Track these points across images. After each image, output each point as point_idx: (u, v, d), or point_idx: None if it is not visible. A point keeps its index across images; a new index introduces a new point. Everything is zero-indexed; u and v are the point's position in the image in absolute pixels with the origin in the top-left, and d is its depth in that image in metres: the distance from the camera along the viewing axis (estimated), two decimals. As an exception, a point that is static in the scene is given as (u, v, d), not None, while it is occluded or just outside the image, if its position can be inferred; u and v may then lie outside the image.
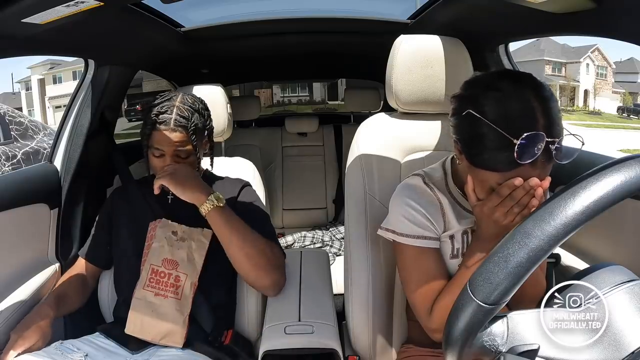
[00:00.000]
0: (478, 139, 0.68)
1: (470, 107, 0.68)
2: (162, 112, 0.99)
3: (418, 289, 0.81)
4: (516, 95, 0.66)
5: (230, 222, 0.98)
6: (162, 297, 0.99)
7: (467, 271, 0.75)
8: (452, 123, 0.74)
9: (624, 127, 23.28)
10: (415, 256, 0.82)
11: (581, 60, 27.30)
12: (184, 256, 1.01)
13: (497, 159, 0.66)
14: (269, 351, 0.86)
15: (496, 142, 0.65)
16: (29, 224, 1.13)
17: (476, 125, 0.67)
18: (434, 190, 0.83)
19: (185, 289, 0.99)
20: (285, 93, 8.58)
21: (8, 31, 0.81)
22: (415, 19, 1.49)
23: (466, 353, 0.48)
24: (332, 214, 2.45)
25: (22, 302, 1.04)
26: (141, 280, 1.00)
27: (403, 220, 0.82)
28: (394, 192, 0.86)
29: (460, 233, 0.83)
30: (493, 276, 0.45)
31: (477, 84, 0.71)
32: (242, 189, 1.12)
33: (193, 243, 1.02)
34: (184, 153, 1.02)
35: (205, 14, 1.65)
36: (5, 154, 2.86)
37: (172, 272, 1.00)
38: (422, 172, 0.87)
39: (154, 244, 1.03)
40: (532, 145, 0.63)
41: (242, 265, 0.99)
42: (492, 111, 0.66)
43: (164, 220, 1.05)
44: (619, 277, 0.49)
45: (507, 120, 0.64)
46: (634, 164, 0.43)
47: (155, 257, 1.02)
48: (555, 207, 0.43)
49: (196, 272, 1.01)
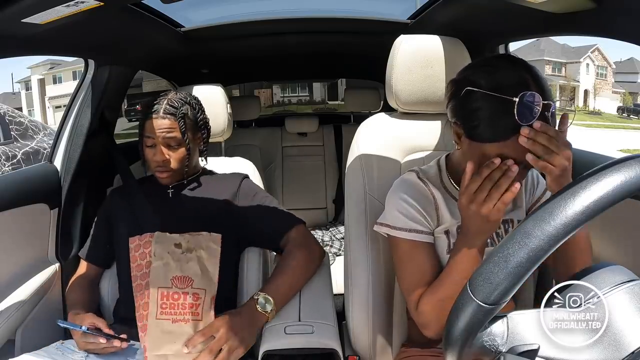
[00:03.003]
0: (477, 111, 0.70)
1: (468, 85, 0.70)
2: (154, 104, 1.05)
3: (409, 282, 0.82)
4: (510, 68, 0.69)
5: (286, 297, 0.97)
6: (182, 323, 0.88)
7: (452, 269, 0.76)
8: (451, 106, 0.76)
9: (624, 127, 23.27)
10: (407, 250, 0.83)
11: (581, 60, 27.30)
12: (196, 270, 0.92)
13: (498, 126, 0.68)
14: (269, 351, 0.86)
15: (495, 109, 0.68)
16: (29, 224, 1.13)
17: (474, 99, 0.70)
18: (428, 185, 0.85)
19: (205, 306, 0.90)
20: (285, 93, 8.58)
21: (8, 31, 0.81)
22: (415, 19, 1.49)
23: (466, 353, 0.48)
24: (332, 214, 2.45)
25: (22, 302, 1.04)
26: (150, 309, 0.89)
27: (397, 214, 0.83)
28: (391, 189, 0.88)
29: (456, 228, 0.84)
30: (493, 276, 0.45)
31: (472, 65, 0.77)
32: (242, 182, 1.13)
33: (203, 252, 0.95)
34: (173, 141, 1.04)
35: (205, 14, 1.65)
36: (5, 154, 2.86)
37: (188, 290, 0.90)
38: (417, 168, 0.89)
39: (155, 263, 0.93)
40: (530, 105, 0.65)
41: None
42: (489, 81, 0.69)
43: (158, 234, 0.97)
44: (619, 277, 0.49)
45: (502, 88, 0.67)
46: (634, 164, 0.43)
47: (160, 278, 0.91)
48: (555, 207, 0.43)
49: (214, 284, 0.93)
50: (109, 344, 0.89)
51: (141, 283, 0.94)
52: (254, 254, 1.11)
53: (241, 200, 1.08)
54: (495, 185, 0.68)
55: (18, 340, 1.07)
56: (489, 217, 0.69)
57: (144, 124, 1.05)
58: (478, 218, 0.70)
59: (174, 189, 1.10)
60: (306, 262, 1.03)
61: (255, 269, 1.10)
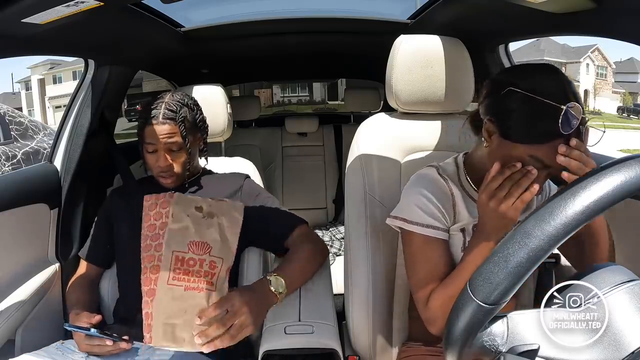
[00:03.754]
0: (516, 111, 0.71)
1: (510, 86, 0.71)
2: (152, 109, 1.03)
3: (420, 278, 0.82)
4: (554, 76, 0.71)
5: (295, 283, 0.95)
6: (195, 291, 0.82)
7: (465, 266, 0.76)
8: (486, 104, 0.77)
9: (624, 127, 23.25)
10: (421, 245, 0.83)
11: (581, 60, 27.28)
12: (216, 236, 0.87)
13: (535, 129, 0.69)
14: (269, 351, 0.86)
15: (537, 112, 0.69)
16: (29, 224, 1.13)
17: (515, 99, 0.70)
18: (448, 181, 0.85)
19: (220, 277, 0.84)
20: (285, 93, 8.57)
21: (8, 31, 0.81)
22: (415, 19, 1.49)
23: (466, 353, 0.48)
24: (332, 214, 2.45)
25: (22, 302, 1.04)
26: (161, 273, 0.82)
27: (415, 208, 0.83)
28: (408, 182, 0.88)
29: (472, 226, 0.84)
30: (493, 276, 0.45)
31: (513, 67, 0.80)
32: (244, 183, 1.13)
33: (224, 219, 0.91)
34: (174, 146, 1.03)
35: (205, 14, 1.65)
36: (5, 154, 2.86)
37: (205, 257, 0.84)
38: (437, 164, 0.89)
39: (173, 225, 0.87)
40: (572, 116, 0.67)
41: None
42: (532, 84, 0.70)
43: (178, 195, 0.94)
44: (619, 277, 0.49)
45: (546, 93, 0.68)
46: (634, 164, 0.43)
47: (177, 241, 0.85)
48: (555, 207, 0.43)
49: (231, 254, 0.89)
50: (115, 346, 0.89)
51: (151, 244, 0.89)
52: (254, 254, 1.11)
53: (243, 201, 1.08)
54: (515, 184, 0.70)
55: (18, 340, 1.07)
56: (506, 214, 0.71)
57: (144, 130, 1.04)
58: (495, 215, 0.72)
59: (175, 189, 1.10)
60: (314, 254, 1.03)
61: (256, 269, 1.10)
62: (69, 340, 0.96)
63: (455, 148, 1.03)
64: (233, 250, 0.90)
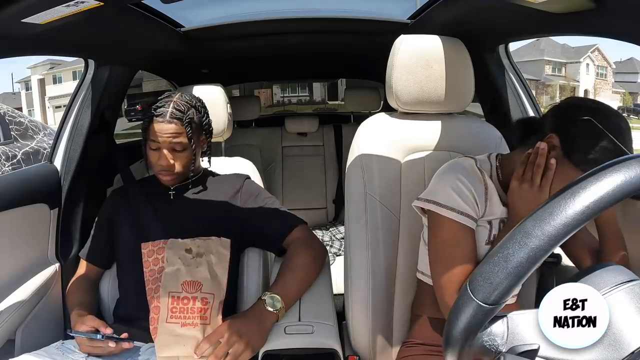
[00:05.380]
0: (588, 142, 0.74)
1: (590, 116, 0.74)
2: (159, 107, 1.03)
3: (449, 266, 0.80)
4: (624, 126, 0.76)
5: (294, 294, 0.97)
6: (190, 327, 0.90)
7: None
8: (556, 120, 0.80)
9: (624, 127, 23.20)
10: (454, 232, 0.82)
11: (581, 60, 27.28)
12: (206, 274, 0.94)
13: (597, 164, 0.71)
14: (269, 351, 0.86)
15: (606, 150, 0.73)
16: (29, 224, 1.13)
17: (594, 132, 0.73)
18: (484, 174, 0.86)
19: (213, 310, 0.92)
20: (285, 93, 8.57)
21: (8, 31, 0.81)
22: (415, 19, 1.49)
23: (466, 353, 0.48)
24: (332, 214, 2.44)
25: (22, 302, 1.04)
26: (161, 313, 0.91)
27: (451, 193, 0.82)
28: (443, 168, 0.88)
29: (498, 221, 0.85)
30: (493, 276, 0.45)
31: (590, 101, 0.81)
32: (244, 183, 1.13)
33: (212, 257, 0.97)
34: (179, 146, 1.03)
35: (205, 14, 1.65)
36: (5, 154, 2.86)
37: (197, 294, 0.92)
38: (474, 157, 0.89)
39: (168, 268, 0.95)
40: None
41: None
42: (611, 126, 0.73)
43: (171, 241, 0.99)
44: (619, 277, 0.49)
45: (618, 138, 0.72)
46: (634, 164, 0.43)
47: (172, 282, 0.93)
48: (555, 207, 0.43)
49: (222, 289, 0.95)
50: (117, 347, 0.90)
51: (152, 287, 0.96)
52: (254, 254, 1.12)
53: (243, 201, 1.08)
54: (536, 166, 0.77)
55: (18, 340, 1.07)
56: (536, 195, 0.77)
57: (149, 127, 1.03)
58: (524, 197, 0.78)
59: (175, 190, 1.10)
60: (313, 259, 1.03)
61: (256, 270, 1.10)
62: (69, 340, 0.96)
63: (456, 148, 1.03)
64: (223, 285, 0.96)
